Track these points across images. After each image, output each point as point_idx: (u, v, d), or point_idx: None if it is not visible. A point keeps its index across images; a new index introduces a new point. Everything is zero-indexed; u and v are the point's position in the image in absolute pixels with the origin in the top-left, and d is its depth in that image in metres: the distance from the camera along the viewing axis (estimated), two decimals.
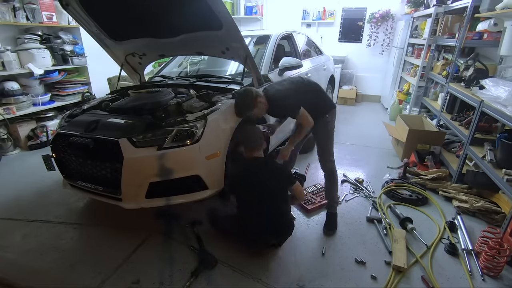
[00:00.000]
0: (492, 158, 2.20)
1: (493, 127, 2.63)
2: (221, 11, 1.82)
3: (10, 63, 3.25)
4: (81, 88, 4.10)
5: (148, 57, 2.81)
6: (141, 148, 1.79)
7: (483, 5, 2.65)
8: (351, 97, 5.92)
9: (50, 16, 3.65)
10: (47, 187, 2.67)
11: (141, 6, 2.05)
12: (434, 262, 1.82)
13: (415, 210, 2.35)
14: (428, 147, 3.09)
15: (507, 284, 1.68)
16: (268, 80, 2.65)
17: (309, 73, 3.48)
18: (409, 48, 4.82)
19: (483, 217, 2.23)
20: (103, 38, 2.52)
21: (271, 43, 2.94)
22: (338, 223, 2.17)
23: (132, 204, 1.88)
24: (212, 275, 1.70)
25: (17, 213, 2.30)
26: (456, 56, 3.14)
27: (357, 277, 1.71)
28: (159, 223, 2.12)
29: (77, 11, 2.25)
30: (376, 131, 4.27)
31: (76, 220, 2.23)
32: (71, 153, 1.99)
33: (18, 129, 3.47)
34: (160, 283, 1.66)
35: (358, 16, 5.77)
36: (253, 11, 6.22)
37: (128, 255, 1.87)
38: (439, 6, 3.66)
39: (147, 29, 2.34)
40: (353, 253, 1.89)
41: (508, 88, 2.05)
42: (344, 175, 2.90)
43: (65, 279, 1.70)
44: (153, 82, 2.97)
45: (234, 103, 1.98)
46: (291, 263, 1.81)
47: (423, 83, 4.11)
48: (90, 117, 2.10)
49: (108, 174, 1.90)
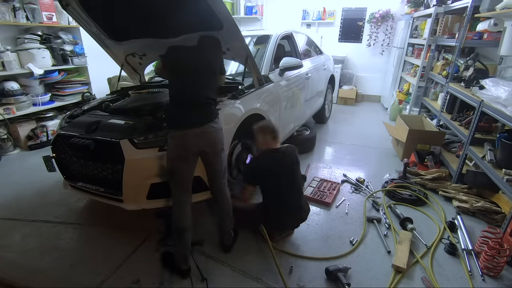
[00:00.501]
0: (492, 158, 2.21)
1: (493, 127, 2.63)
2: (221, 11, 1.82)
3: (10, 63, 3.25)
4: (81, 88, 4.10)
5: (148, 57, 2.81)
6: (142, 149, 1.79)
7: (483, 5, 2.65)
8: (351, 97, 5.92)
9: (50, 16, 3.65)
10: (47, 187, 2.67)
11: (142, 7, 2.04)
12: (434, 262, 1.82)
13: (415, 210, 2.36)
14: (428, 147, 3.09)
15: (507, 284, 1.68)
16: (269, 80, 2.65)
17: (309, 73, 3.48)
18: (409, 48, 4.82)
19: (483, 217, 2.23)
20: (103, 38, 2.52)
21: (272, 43, 2.94)
22: (338, 222, 2.17)
23: (133, 205, 1.88)
24: (212, 275, 1.71)
25: (17, 213, 2.30)
26: (456, 56, 3.14)
27: (357, 277, 1.71)
28: (159, 224, 2.12)
29: (77, 11, 2.25)
30: (376, 131, 4.27)
31: (76, 220, 2.24)
32: (71, 154, 1.99)
33: (18, 129, 3.47)
34: (160, 283, 1.66)
35: (358, 16, 5.77)
36: (253, 11, 6.22)
37: (128, 255, 1.87)
38: (439, 6, 3.66)
39: (148, 30, 2.34)
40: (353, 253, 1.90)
41: (508, 88, 2.05)
42: (344, 175, 2.90)
43: (65, 279, 1.70)
44: (153, 82, 2.97)
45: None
46: (291, 263, 1.81)
47: (423, 83, 4.11)
48: (90, 118, 2.10)
49: (109, 175, 1.90)
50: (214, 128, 1.60)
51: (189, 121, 1.55)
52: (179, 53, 1.61)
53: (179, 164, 1.59)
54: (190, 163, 1.62)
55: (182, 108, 1.59)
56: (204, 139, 1.57)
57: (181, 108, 1.59)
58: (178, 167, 1.60)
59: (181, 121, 1.57)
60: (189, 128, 1.54)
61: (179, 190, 1.64)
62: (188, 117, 1.56)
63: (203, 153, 1.62)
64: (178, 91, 1.62)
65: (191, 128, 1.54)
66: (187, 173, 1.62)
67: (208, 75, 1.63)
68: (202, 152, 1.61)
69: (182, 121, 1.56)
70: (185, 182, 1.64)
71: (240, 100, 2.18)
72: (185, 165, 1.60)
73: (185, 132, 1.54)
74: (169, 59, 1.63)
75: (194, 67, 1.59)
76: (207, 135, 1.58)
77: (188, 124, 1.54)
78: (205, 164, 1.71)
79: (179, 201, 1.64)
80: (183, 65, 1.60)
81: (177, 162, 1.59)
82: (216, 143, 1.63)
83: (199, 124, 1.55)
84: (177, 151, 1.58)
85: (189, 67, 1.59)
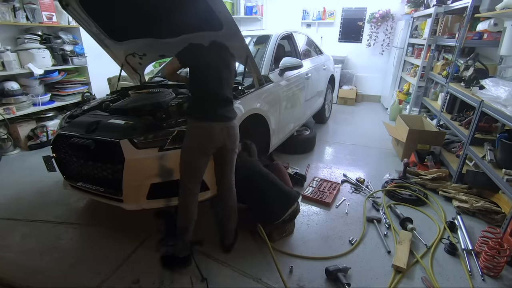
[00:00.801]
0: (492, 158, 2.21)
1: (493, 127, 2.63)
2: (221, 11, 1.82)
3: (10, 63, 3.25)
4: (81, 88, 4.10)
5: (148, 57, 2.81)
6: (142, 149, 1.79)
7: (483, 5, 2.65)
8: (351, 97, 5.92)
9: (50, 16, 3.65)
10: (47, 187, 2.67)
11: (142, 7, 2.04)
12: (434, 262, 1.82)
13: (415, 210, 2.36)
14: (428, 147, 3.09)
15: (507, 284, 1.68)
16: (269, 80, 2.65)
17: (309, 73, 3.48)
18: (409, 48, 4.82)
19: (483, 217, 2.23)
20: (103, 38, 2.52)
21: (272, 43, 2.94)
22: (338, 222, 2.17)
23: (133, 205, 1.88)
24: (212, 275, 1.71)
25: (17, 213, 2.30)
26: (456, 56, 3.14)
27: (357, 277, 1.71)
28: (159, 224, 2.12)
29: (77, 11, 2.25)
30: (376, 131, 4.27)
31: (76, 220, 2.23)
32: (71, 154, 1.99)
33: (18, 129, 3.47)
34: (160, 283, 1.66)
35: (358, 16, 5.77)
36: (253, 11, 6.22)
37: (128, 255, 1.87)
38: (439, 6, 3.66)
39: (148, 30, 2.34)
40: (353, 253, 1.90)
41: (508, 88, 2.05)
42: (344, 175, 2.90)
43: (64, 279, 1.70)
44: (153, 82, 2.97)
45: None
46: (291, 263, 1.81)
47: (423, 83, 4.11)
48: (90, 118, 2.09)
49: (109, 175, 1.90)
50: (236, 125, 1.70)
51: (217, 114, 1.62)
52: (203, 50, 1.70)
53: (199, 156, 1.65)
54: (208, 156, 1.69)
55: (207, 102, 1.65)
56: (228, 135, 1.66)
57: (207, 102, 1.65)
58: (197, 158, 1.65)
59: (207, 114, 1.63)
60: (216, 121, 1.62)
61: (192, 182, 1.68)
62: (215, 111, 1.63)
63: (223, 148, 1.69)
64: (203, 86, 1.67)
65: (218, 122, 1.62)
66: (203, 166, 1.69)
67: (227, 74, 1.71)
68: (224, 146, 1.68)
69: (209, 113, 1.62)
70: (200, 175, 1.70)
71: (240, 100, 2.18)
72: (203, 158, 1.66)
73: (212, 125, 1.61)
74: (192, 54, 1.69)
75: (217, 63, 1.68)
76: (231, 130, 1.67)
77: (216, 117, 1.61)
78: (219, 160, 1.77)
79: (191, 192, 1.68)
80: (208, 61, 1.67)
81: (197, 153, 1.64)
82: (236, 140, 1.72)
83: (227, 119, 1.64)
84: (200, 142, 1.63)
85: (213, 64, 1.67)
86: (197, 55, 1.69)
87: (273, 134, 2.69)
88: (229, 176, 1.81)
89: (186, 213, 1.70)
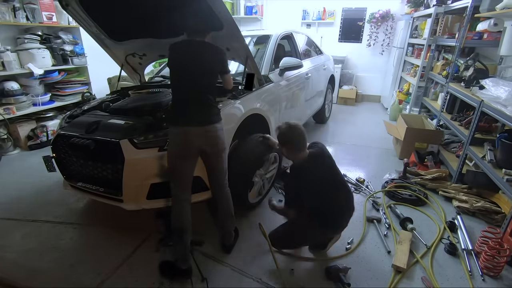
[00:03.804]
0: (492, 158, 2.21)
1: (493, 127, 2.63)
2: (221, 11, 1.82)
3: (10, 63, 3.25)
4: (81, 88, 4.10)
5: (148, 57, 2.81)
6: (142, 149, 1.79)
7: (483, 5, 2.65)
8: (351, 97, 5.91)
9: (50, 16, 3.65)
10: (47, 187, 2.67)
11: (142, 7, 2.04)
12: (434, 262, 1.82)
13: (415, 210, 2.36)
14: (425, 145, 3.10)
15: (507, 284, 1.68)
16: (269, 80, 2.65)
17: (309, 73, 3.48)
18: (409, 48, 4.82)
19: (483, 217, 2.23)
20: (103, 38, 2.52)
21: (272, 43, 2.94)
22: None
23: (133, 205, 1.88)
24: (212, 275, 1.71)
25: (17, 213, 2.30)
26: (456, 56, 3.14)
27: (357, 277, 1.71)
28: (159, 224, 2.12)
29: (77, 11, 2.25)
30: (376, 131, 4.27)
31: (76, 220, 2.24)
32: (71, 154, 1.99)
33: (18, 129, 3.47)
34: (160, 283, 1.66)
35: (358, 16, 5.77)
36: (253, 11, 6.22)
37: (128, 255, 1.87)
38: (439, 6, 3.66)
39: (148, 30, 2.34)
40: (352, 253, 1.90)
41: (508, 88, 2.05)
42: (344, 175, 2.89)
43: (65, 279, 1.70)
44: (153, 82, 2.97)
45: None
46: (292, 263, 1.81)
47: (423, 83, 4.11)
48: (90, 118, 2.09)
49: (109, 175, 1.89)
50: (216, 128, 1.61)
51: (190, 118, 1.56)
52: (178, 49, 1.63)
53: (179, 162, 1.60)
54: (190, 161, 1.62)
55: (182, 105, 1.60)
56: (206, 139, 1.59)
57: (181, 105, 1.60)
58: (178, 165, 1.61)
59: (181, 118, 1.57)
60: (191, 125, 1.55)
61: (179, 189, 1.65)
62: (188, 114, 1.56)
63: (204, 153, 1.63)
64: (177, 87, 1.63)
65: (193, 126, 1.55)
66: (186, 171, 1.63)
67: (208, 76, 1.62)
68: (203, 151, 1.62)
69: (182, 117, 1.57)
70: (185, 181, 1.64)
71: (240, 100, 2.18)
72: (185, 163, 1.61)
73: (186, 129, 1.55)
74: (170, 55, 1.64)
75: (194, 65, 1.58)
76: (209, 134, 1.59)
77: (191, 121, 1.55)
78: (205, 164, 1.72)
79: (178, 199, 1.65)
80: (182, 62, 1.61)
81: (177, 160, 1.60)
82: (217, 144, 1.64)
83: (202, 123, 1.56)
84: (176, 148, 1.59)
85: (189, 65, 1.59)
86: (172, 56, 1.63)
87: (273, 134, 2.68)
88: (219, 179, 1.75)
89: (180, 218, 1.65)
